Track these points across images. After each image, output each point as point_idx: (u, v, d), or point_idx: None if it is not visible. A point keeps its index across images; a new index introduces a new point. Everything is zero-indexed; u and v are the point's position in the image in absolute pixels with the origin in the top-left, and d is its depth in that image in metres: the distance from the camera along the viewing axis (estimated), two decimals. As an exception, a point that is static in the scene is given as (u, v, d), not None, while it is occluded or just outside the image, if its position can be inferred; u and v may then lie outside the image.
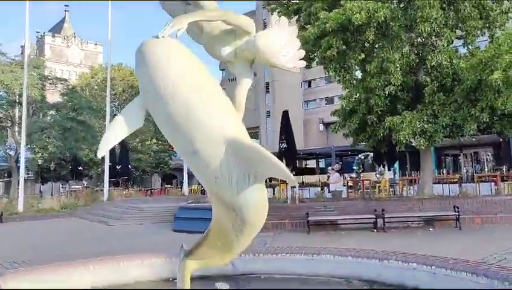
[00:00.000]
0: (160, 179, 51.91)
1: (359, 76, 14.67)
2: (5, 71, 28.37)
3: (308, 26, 13.72)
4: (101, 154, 4.13)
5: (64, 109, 33.91)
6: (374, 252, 6.72)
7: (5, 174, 44.69)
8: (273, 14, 13.97)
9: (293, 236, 12.09)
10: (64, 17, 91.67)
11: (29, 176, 40.32)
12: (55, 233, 15.82)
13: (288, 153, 18.29)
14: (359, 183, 20.35)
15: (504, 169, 23.67)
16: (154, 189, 37.86)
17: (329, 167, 19.79)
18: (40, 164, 36.13)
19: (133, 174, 40.65)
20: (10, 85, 28.13)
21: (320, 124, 50.11)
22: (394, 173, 22.08)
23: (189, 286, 4.33)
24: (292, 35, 3.98)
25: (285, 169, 3.48)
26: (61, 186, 40.17)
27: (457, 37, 13.52)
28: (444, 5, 12.29)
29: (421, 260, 6.06)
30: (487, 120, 10.95)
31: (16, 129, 31.26)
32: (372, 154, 21.36)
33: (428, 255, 6.74)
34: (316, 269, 6.74)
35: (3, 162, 37.68)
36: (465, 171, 33.91)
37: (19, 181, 23.71)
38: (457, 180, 20.34)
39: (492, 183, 18.06)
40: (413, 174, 24.54)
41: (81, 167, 39.68)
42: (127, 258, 6.95)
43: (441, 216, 12.21)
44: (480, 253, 8.63)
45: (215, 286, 5.71)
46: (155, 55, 3.84)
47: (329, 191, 17.03)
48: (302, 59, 4.09)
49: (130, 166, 35.71)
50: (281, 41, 3.89)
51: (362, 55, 13.32)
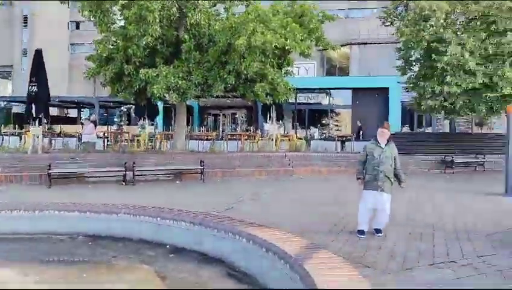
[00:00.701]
0: None
1: (122, 22, 13.80)
2: None
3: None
4: None
5: None
6: (104, 206, 6.41)
7: None
8: None
9: (30, 190, 10.75)
10: None
11: None
12: None
13: (39, 98, 16.09)
14: (119, 136, 19.80)
15: (251, 129, 26.92)
16: None
17: (84, 117, 18.41)
18: None
19: None
20: None
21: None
22: (156, 128, 22.27)
23: None
24: None
25: None
26: None
27: (219, 2, 14.14)
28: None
29: (148, 212, 6.06)
30: (233, 82, 11.95)
31: None
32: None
33: (163, 207, 6.86)
34: (36, 227, 6.02)
35: None
36: (221, 130, 37.09)
37: None
38: (212, 138, 22.00)
39: (239, 142, 20.32)
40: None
41: None
42: None
43: (188, 170, 12.86)
44: (215, 202, 9.44)
45: None
46: None
47: (82, 143, 15.89)
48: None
49: None
50: None
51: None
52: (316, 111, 29.62)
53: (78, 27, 51.51)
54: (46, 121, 17.33)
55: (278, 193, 11.02)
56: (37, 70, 16.27)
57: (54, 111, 33.01)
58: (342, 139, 20.40)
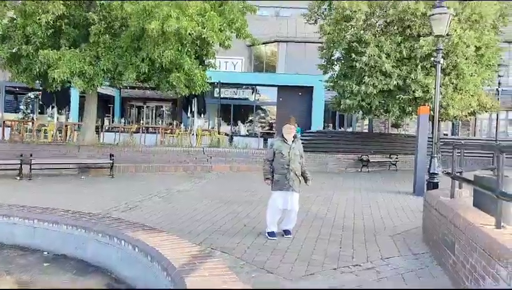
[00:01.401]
0: None
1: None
2: None
3: None
4: None
5: None
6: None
7: None
8: None
9: None
10: None
11: None
12: None
13: None
14: (23, 126, 17.95)
15: (175, 123, 25.96)
16: None
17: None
18: None
19: None
20: None
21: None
22: (68, 118, 20.58)
23: None
24: None
25: None
26: None
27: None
28: None
29: (22, 213, 5.20)
30: (146, 71, 11.14)
31: None
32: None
33: (45, 207, 6.01)
34: None
35: None
36: (144, 123, 35.55)
37: None
38: (131, 130, 20.78)
39: (159, 135, 19.42)
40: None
41: None
42: None
43: (96, 164, 11.85)
44: (119, 200, 8.67)
45: None
46: None
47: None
48: None
49: None
50: None
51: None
52: (242, 107, 29.32)
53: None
54: None
55: (191, 190, 10.45)
56: None
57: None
58: (265, 136, 20.25)
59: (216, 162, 14.07)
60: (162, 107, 39.10)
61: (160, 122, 34.49)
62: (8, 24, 11.60)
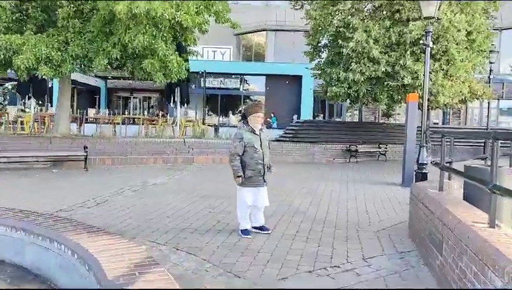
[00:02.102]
0: None
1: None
2: None
3: None
4: None
5: None
6: None
7: None
8: None
9: None
10: None
11: None
12: None
13: None
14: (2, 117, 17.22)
15: (160, 114, 25.30)
16: None
17: None
18: None
19: None
20: None
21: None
22: (47, 108, 19.78)
23: None
24: None
25: None
26: None
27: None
28: None
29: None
30: (118, 57, 10.46)
31: None
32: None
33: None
34: None
35: None
36: (132, 113, 34.78)
37: None
38: (114, 121, 20.09)
39: (142, 126, 18.78)
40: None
41: None
42: None
43: (69, 156, 11.21)
44: (89, 195, 8.11)
45: None
46: None
47: None
48: None
49: None
50: None
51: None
52: (229, 97, 28.71)
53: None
54: None
55: (168, 183, 9.88)
56: None
57: None
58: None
59: (198, 154, 13.49)
60: (150, 98, 38.33)
61: (147, 113, 33.77)
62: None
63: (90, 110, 27.13)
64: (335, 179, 11.42)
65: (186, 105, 17.46)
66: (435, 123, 23.95)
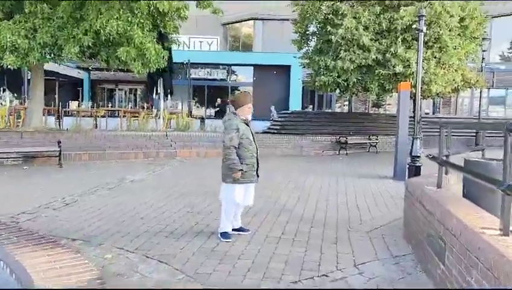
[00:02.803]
0: None
1: None
2: None
3: None
4: None
5: None
6: None
7: None
8: None
9: None
10: None
11: None
12: None
13: None
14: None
15: (145, 106, 24.56)
16: None
17: None
18: None
19: None
20: None
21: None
22: (24, 101, 18.95)
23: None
24: None
25: None
26: None
27: None
28: None
29: None
30: (90, 44, 9.75)
31: None
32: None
33: None
34: None
35: None
36: (116, 105, 33.89)
37: None
38: (100, 114, 19.31)
39: (125, 119, 18.09)
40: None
41: None
42: None
43: (41, 152, 10.53)
44: (58, 194, 7.49)
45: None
46: None
47: None
48: None
49: None
50: None
51: None
52: (216, 88, 28.01)
53: None
54: None
55: (147, 180, 9.29)
56: None
57: None
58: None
59: (181, 147, 12.87)
60: (136, 90, 37.40)
61: (134, 106, 32.91)
62: None
63: (73, 102, 26.29)
64: (324, 173, 10.92)
65: (170, 96, 16.80)
66: (425, 113, 23.59)
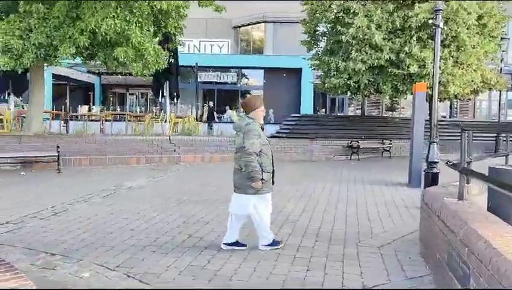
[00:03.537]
0: None
1: None
2: None
3: None
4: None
5: None
6: None
7: None
8: None
9: None
10: None
11: None
12: None
13: None
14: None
15: (154, 110, 24.31)
16: None
17: None
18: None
19: None
20: None
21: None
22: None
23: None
24: None
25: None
26: None
27: None
28: None
29: None
30: (87, 45, 9.34)
31: None
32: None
33: None
34: None
35: None
36: (127, 110, 33.75)
37: None
38: (106, 118, 19.07)
39: (132, 123, 17.76)
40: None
41: None
42: None
43: (39, 157, 10.16)
44: (51, 201, 7.09)
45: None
46: None
47: None
48: None
49: None
50: None
51: None
52: (226, 91, 27.59)
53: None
54: None
55: (146, 187, 8.82)
56: None
57: None
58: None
59: (185, 152, 12.41)
60: (146, 94, 37.18)
61: (144, 110, 32.69)
62: None
63: (84, 107, 26.17)
64: (334, 179, 10.32)
65: (176, 100, 16.38)
66: (442, 116, 22.73)
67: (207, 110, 22.16)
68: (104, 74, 30.41)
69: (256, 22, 31.39)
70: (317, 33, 14.23)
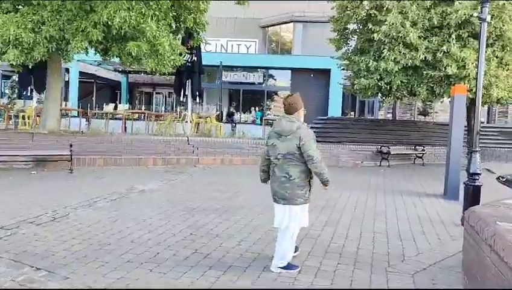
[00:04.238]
0: None
1: None
2: None
3: None
4: None
5: None
6: None
7: None
8: None
9: None
10: None
11: None
12: None
13: None
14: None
15: (179, 109, 23.95)
16: None
17: None
18: None
19: None
20: None
21: None
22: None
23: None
24: None
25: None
26: None
27: None
28: None
29: None
30: (100, 39, 8.87)
31: None
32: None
33: None
34: None
35: None
36: (153, 109, 33.67)
37: None
38: (134, 117, 18.78)
39: (150, 122, 17.40)
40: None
41: None
42: None
43: (51, 156, 9.80)
44: (54, 205, 6.64)
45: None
46: None
47: None
48: None
49: None
50: None
51: None
52: (252, 92, 27.00)
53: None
54: None
55: (157, 191, 8.27)
56: None
57: None
58: (271, 123, 17.83)
59: (204, 154, 11.84)
60: (173, 94, 36.95)
61: (171, 109, 32.46)
62: None
63: (111, 105, 26.15)
64: (361, 188, 9.51)
65: (199, 99, 15.89)
66: (481, 122, 21.32)
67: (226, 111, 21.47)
68: (131, 73, 30.43)
69: (285, 22, 30.65)
70: (346, 31, 13.41)
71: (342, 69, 13.85)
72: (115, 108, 25.98)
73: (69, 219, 5.96)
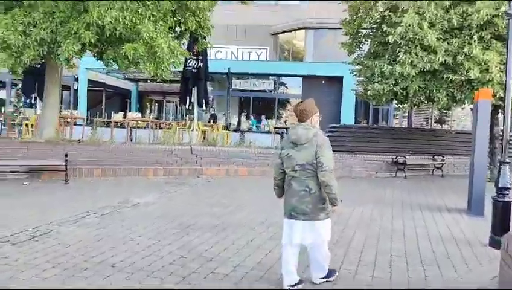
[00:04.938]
0: None
1: None
2: None
3: None
4: None
5: None
6: None
7: None
8: None
9: None
10: None
11: None
12: None
13: None
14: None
15: (187, 118, 23.48)
16: None
17: None
18: None
19: None
20: None
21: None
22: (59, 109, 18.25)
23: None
24: None
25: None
26: None
27: None
28: None
29: None
30: (93, 41, 8.29)
31: None
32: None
33: None
34: None
35: None
36: (163, 118, 33.30)
37: None
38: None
39: (159, 131, 16.93)
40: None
41: None
42: None
43: (45, 166, 9.28)
44: (31, 221, 6.04)
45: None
46: None
47: None
48: None
49: None
50: None
51: None
52: (262, 99, 26.40)
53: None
54: None
55: (152, 205, 7.65)
56: None
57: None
58: (280, 132, 17.16)
59: (208, 164, 11.21)
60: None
61: (181, 118, 32.01)
62: None
63: (120, 113, 25.79)
64: (376, 201, 8.76)
65: (205, 107, 15.34)
66: (501, 130, 20.30)
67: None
68: (141, 81, 30.19)
69: (296, 29, 30.08)
70: (359, 34, 12.72)
71: (354, 75, 13.14)
72: (124, 116, 25.61)
73: (49, 238, 5.36)
